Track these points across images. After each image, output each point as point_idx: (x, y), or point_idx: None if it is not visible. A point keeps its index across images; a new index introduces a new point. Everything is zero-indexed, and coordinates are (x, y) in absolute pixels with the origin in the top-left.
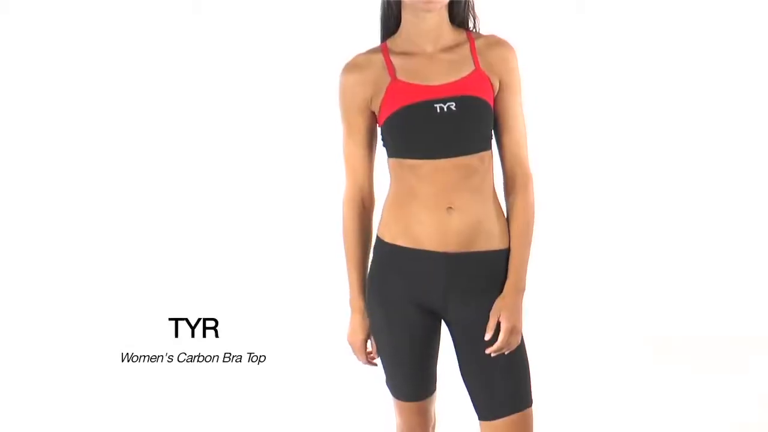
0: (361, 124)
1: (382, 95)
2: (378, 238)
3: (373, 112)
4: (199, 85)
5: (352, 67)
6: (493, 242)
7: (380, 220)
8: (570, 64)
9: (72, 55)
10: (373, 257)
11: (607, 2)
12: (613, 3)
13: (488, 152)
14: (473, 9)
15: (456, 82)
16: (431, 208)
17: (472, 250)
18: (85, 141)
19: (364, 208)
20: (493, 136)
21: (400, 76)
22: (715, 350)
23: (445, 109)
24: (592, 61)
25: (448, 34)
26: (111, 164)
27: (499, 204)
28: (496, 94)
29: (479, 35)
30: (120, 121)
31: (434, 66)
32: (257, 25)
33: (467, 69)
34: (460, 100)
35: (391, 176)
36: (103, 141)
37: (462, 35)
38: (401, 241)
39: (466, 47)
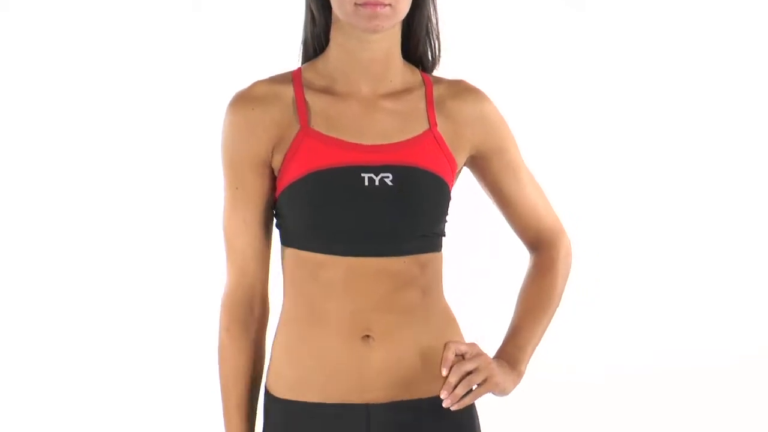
0: (254, 186)
1: (285, 149)
2: (266, 392)
3: (273, 172)
4: (200, 84)
5: (248, 99)
6: (439, 384)
7: (269, 361)
8: (570, 65)
9: (71, 52)
10: (264, 421)
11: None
12: (615, 1)
13: (435, 255)
14: (437, 34)
15: (398, 144)
16: (341, 336)
17: (408, 397)
18: (85, 140)
19: (253, 317)
20: (500, 210)
21: (315, 124)
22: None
23: (377, 182)
24: (593, 62)
25: (398, 71)
26: (110, 164)
27: (455, 325)
28: (460, 167)
29: (439, 79)
30: (120, 119)
31: (370, 116)
32: (258, 23)
33: (418, 127)
34: (400, 171)
35: (284, 280)
36: (102, 140)
37: (416, 76)
38: (300, 394)
39: (420, 94)
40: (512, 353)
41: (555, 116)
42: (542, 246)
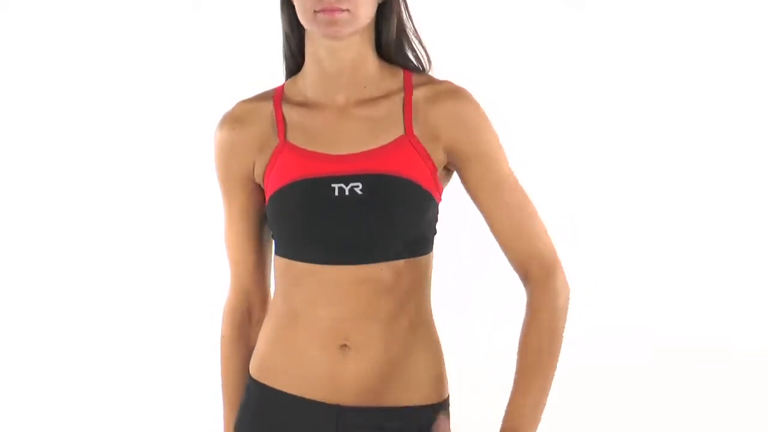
0: (245, 201)
1: (266, 163)
2: (249, 374)
3: (260, 186)
4: (200, 85)
5: (231, 120)
6: (411, 394)
7: (255, 347)
8: (570, 65)
9: (71, 52)
10: (244, 399)
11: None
12: (615, 1)
13: (417, 260)
14: (416, 36)
15: (369, 152)
16: (319, 343)
17: (379, 404)
18: (86, 140)
19: (251, 323)
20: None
21: (292, 138)
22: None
23: (347, 192)
24: (593, 62)
25: (373, 78)
26: (110, 164)
27: (433, 337)
28: (440, 170)
29: (424, 80)
30: (120, 119)
31: (343, 125)
32: (258, 23)
33: (392, 133)
34: (370, 180)
35: (275, 284)
36: (103, 140)
37: (397, 79)
38: (278, 382)
39: (398, 99)
40: (510, 425)
41: (555, 117)
42: (530, 282)
